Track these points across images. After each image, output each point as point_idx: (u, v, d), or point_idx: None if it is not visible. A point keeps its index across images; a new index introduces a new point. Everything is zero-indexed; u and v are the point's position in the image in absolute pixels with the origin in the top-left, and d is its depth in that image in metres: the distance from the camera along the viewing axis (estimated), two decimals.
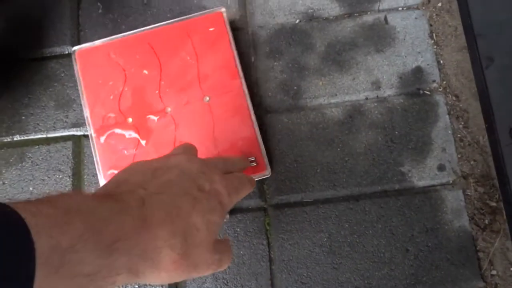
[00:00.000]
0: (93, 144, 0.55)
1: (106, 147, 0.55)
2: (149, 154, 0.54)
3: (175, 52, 0.57)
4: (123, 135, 0.54)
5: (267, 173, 0.53)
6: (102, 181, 0.54)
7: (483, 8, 0.51)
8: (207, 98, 0.56)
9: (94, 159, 0.55)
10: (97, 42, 0.58)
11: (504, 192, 0.47)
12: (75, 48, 0.58)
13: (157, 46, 0.57)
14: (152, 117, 0.55)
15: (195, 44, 0.57)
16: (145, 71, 0.57)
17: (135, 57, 0.57)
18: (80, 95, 0.57)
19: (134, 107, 0.56)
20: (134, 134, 0.54)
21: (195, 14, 0.58)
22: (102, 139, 0.55)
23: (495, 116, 0.47)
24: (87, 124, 0.56)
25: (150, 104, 0.56)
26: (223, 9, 0.58)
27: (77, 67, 0.57)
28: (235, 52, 0.57)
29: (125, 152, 0.54)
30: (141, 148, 0.54)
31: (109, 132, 0.55)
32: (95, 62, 0.57)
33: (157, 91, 0.56)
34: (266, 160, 0.53)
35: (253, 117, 0.55)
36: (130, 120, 0.55)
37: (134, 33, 0.58)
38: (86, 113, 0.56)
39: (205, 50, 0.57)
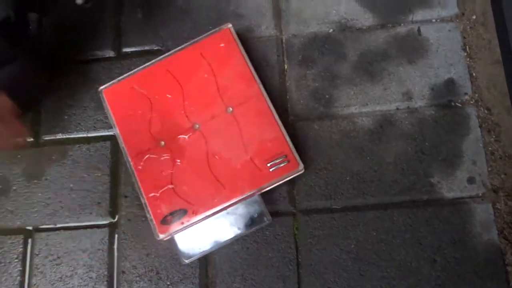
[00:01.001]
0: (131, 170, 0.57)
1: (144, 172, 0.57)
2: (185, 171, 0.56)
3: (192, 72, 0.59)
4: (158, 158, 0.57)
5: (300, 168, 0.54)
6: (146, 203, 0.56)
7: None
8: (230, 109, 0.58)
9: (136, 185, 0.57)
10: (120, 78, 0.61)
11: None
12: (102, 87, 0.61)
13: (175, 71, 0.60)
14: (183, 136, 0.57)
15: (210, 61, 0.59)
16: (168, 95, 0.59)
17: (157, 84, 0.59)
18: (113, 128, 0.59)
19: (164, 130, 0.58)
20: (168, 156, 0.57)
21: (205, 34, 0.60)
22: (140, 165, 0.57)
23: None
24: (123, 153, 0.58)
25: (178, 125, 0.58)
26: (230, 25, 0.60)
27: (106, 104, 0.60)
28: (249, 63, 0.59)
29: (163, 173, 0.56)
30: (176, 167, 0.56)
31: (145, 158, 0.57)
32: (122, 96, 0.60)
33: (182, 111, 0.58)
34: (297, 156, 0.55)
35: (277, 118, 0.56)
36: (162, 143, 0.58)
37: (152, 64, 0.61)
38: (121, 144, 0.58)
39: (220, 65, 0.59)
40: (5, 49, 0.49)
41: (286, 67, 0.61)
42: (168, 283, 0.57)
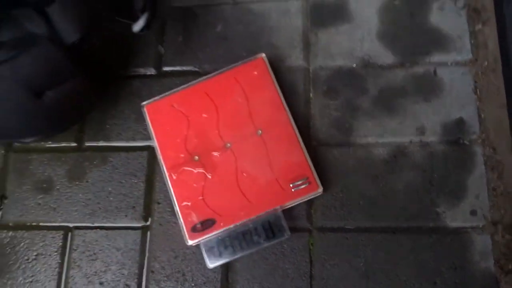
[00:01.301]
0: (166, 180, 0.64)
1: (178, 183, 0.63)
2: (215, 185, 0.62)
3: (227, 95, 0.66)
4: (192, 171, 0.63)
5: (319, 190, 0.60)
6: (178, 211, 0.62)
7: None
8: (260, 132, 0.64)
9: (169, 193, 0.63)
10: (162, 96, 0.67)
11: None
12: (144, 103, 0.67)
13: (211, 93, 0.66)
14: (215, 153, 0.64)
15: (243, 86, 0.66)
16: (204, 115, 0.65)
17: (195, 104, 0.66)
18: (152, 140, 0.66)
19: (198, 146, 0.64)
20: (201, 170, 0.63)
21: (240, 62, 0.67)
22: (174, 176, 0.64)
23: None
24: (160, 164, 0.65)
25: (212, 142, 0.64)
26: (263, 55, 0.66)
27: (147, 118, 0.67)
28: (279, 90, 0.65)
29: (195, 185, 0.63)
30: (207, 180, 0.63)
31: (179, 170, 0.64)
32: (162, 112, 0.67)
33: (216, 131, 0.65)
34: (317, 179, 0.61)
35: (301, 143, 0.63)
36: (196, 158, 0.64)
37: (191, 85, 0.67)
38: (159, 155, 0.65)
39: (252, 91, 0.65)
40: (70, 68, 0.56)
41: (311, 96, 0.68)
42: (193, 284, 0.63)
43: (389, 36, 0.68)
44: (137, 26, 0.58)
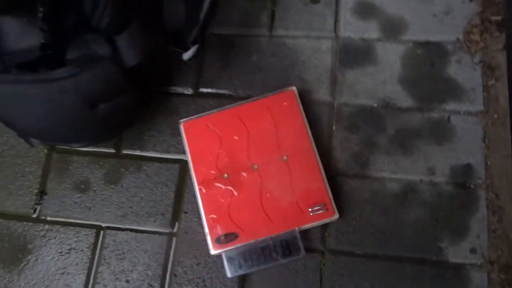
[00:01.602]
0: (196, 193, 0.70)
1: (207, 196, 0.70)
2: (241, 202, 0.69)
3: (258, 121, 0.72)
4: (220, 187, 0.70)
5: (336, 216, 0.67)
6: (205, 223, 0.69)
7: None
8: (285, 157, 0.70)
9: (198, 205, 0.70)
10: (198, 116, 0.74)
11: None
12: (181, 120, 0.74)
13: (244, 117, 0.73)
14: (243, 173, 0.70)
15: (274, 115, 0.73)
16: (236, 137, 0.72)
17: (228, 126, 0.73)
18: (186, 154, 0.73)
19: (228, 165, 0.71)
20: (229, 187, 0.70)
21: (273, 92, 0.74)
22: (204, 190, 0.70)
23: None
24: (191, 177, 0.71)
25: (240, 163, 0.71)
26: (294, 88, 0.73)
27: (183, 135, 0.73)
28: (306, 121, 0.72)
29: (222, 200, 0.69)
30: (234, 197, 0.69)
31: (209, 185, 0.70)
32: (197, 131, 0.73)
33: (246, 153, 0.71)
34: (334, 206, 0.67)
35: (323, 172, 0.69)
36: (225, 175, 0.70)
37: (226, 108, 0.74)
38: (191, 169, 0.71)
39: (282, 120, 0.72)
40: (124, 86, 0.63)
41: (334, 129, 0.74)
42: None
43: (410, 81, 0.75)
44: (187, 56, 0.65)
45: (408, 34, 0.78)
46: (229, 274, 0.67)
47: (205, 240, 0.69)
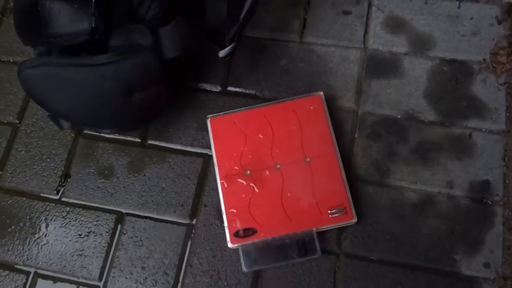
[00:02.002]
0: (218, 187, 0.72)
1: (228, 191, 0.72)
2: (261, 199, 0.70)
3: (284, 122, 0.74)
4: (242, 183, 0.72)
5: (354, 220, 0.68)
6: (224, 216, 0.70)
7: None
8: (308, 159, 0.72)
9: (220, 198, 0.72)
10: (225, 113, 0.76)
11: None
12: (209, 116, 0.76)
13: (270, 117, 0.75)
14: (266, 171, 0.72)
15: (299, 117, 0.74)
16: (261, 136, 0.74)
17: (254, 125, 0.75)
18: (211, 149, 0.75)
19: (251, 162, 0.73)
20: (251, 183, 0.71)
21: (300, 95, 0.76)
22: (226, 184, 0.72)
23: None
24: (214, 171, 0.73)
25: (263, 161, 0.73)
26: (321, 93, 0.75)
27: (210, 130, 0.75)
28: (331, 126, 0.74)
29: (243, 195, 0.71)
30: (255, 194, 0.71)
31: (232, 180, 0.72)
32: (223, 127, 0.75)
33: (269, 152, 0.73)
34: (353, 211, 0.68)
35: (344, 176, 0.71)
36: (248, 172, 0.72)
37: (253, 108, 0.76)
38: (215, 164, 0.73)
39: (307, 123, 0.74)
40: (161, 76, 0.65)
41: (356, 136, 0.76)
42: (225, 283, 0.71)
43: (434, 96, 0.77)
44: (223, 53, 0.67)
45: (435, 51, 0.80)
46: (244, 269, 0.69)
47: (222, 233, 0.71)
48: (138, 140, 0.81)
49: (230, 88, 0.82)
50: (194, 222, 0.75)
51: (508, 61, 0.76)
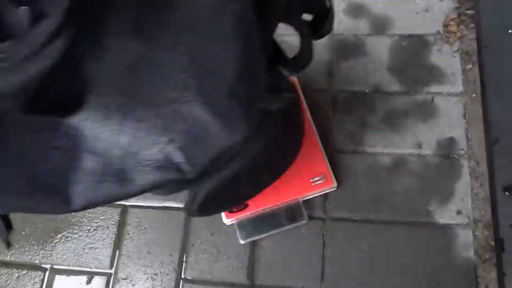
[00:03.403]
0: None
1: None
2: None
3: None
4: None
5: (334, 185, 0.75)
6: None
7: (497, 105, 0.73)
8: None
9: None
10: None
11: (494, 225, 0.67)
12: None
13: None
14: None
15: None
16: None
17: None
18: None
19: None
20: None
21: None
22: None
23: (494, 176, 0.68)
24: None
25: None
26: (296, 79, 0.83)
27: None
28: (306, 106, 0.81)
29: None
30: None
31: None
32: None
33: None
34: (333, 177, 0.75)
35: (322, 149, 0.78)
36: None
37: None
38: None
39: None
40: None
41: (331, 113, 0.84)
42: (225, 257, 0.77)
43: (397, 69, 0.85)
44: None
45: (393, 29, 0.88)
46: (241, 241, 0.75)
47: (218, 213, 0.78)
48: None
49: None
50: None
51: (459, 30, 0.84)
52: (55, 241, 0.83)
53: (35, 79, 0.31)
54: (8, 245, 0.45)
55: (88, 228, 0.83)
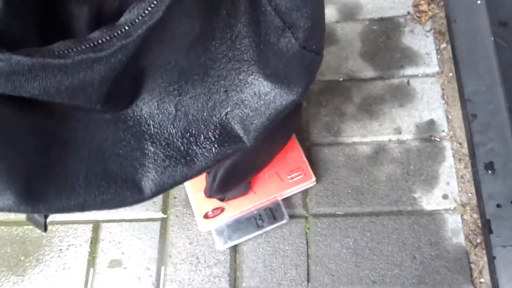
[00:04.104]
0: None
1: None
2: None
3: None
4: None
5: (313, 180, 0.71)
6: (192, 202, 0.73)
7: (471, 80, 0.69)
8: None
9: (185, 188, 0.74)
10: None
11: (479, 207, 0.63)
12: None
13: None
14: None
15: None
16: None
17: None
18: None
19: None
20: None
21: None
22: None
23: (476, 155, 0.64)
24: None
25: None
26: None
27: None
28: None
29: (207, 179, 0.74)
30: None
31: None
32: None
33: None
34: (311, 171, 0.72)
35: (298, 143, 0.74)
36: None
37: None
38: None
39: None
40: None
41: (305, 105, 0.80)
42: (205, 266, 0.73)
43: (369, 54, 0.81)
44: None
45: (363, 14, 0.85)
46: (219, 247, 0.71)
47: (195, 220, 0.73)
48: None
49: None
50: (166, 215, 0.77)
51: (429, 9, 0.81)
52: (25, 265, 0.78)
53: (120, 69, 0.31)
54: (46, 228, 0.48)
55: (60, 248, 0.78)
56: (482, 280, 0.65)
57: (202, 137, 0.39)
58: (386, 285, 0.67)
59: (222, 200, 0.69)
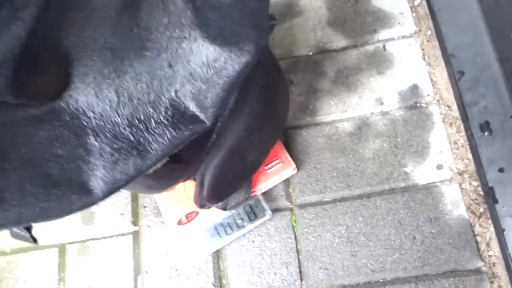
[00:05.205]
0: None
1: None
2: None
3: None
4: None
5: (292, 167, 0.64)
6: (163, 209, 0.65)
7: (453, 33, 0.62)
8: None
9: (153, 195, 0.67)
10: None
11: (480, 174, 0.56)
12: None
13: None
14: None
15: None
16: None
17: None
18: None
19: None
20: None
21: None
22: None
23: (468, 116, 0.57)
24: None
25: None
26: None
27: None
28: None
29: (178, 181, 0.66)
30: None
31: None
32: None
33: None
34: (290, 159, 0.64)
35: None
36: None
37: None
38: None
39: None
40: None
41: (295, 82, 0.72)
42: (187, 278, 0.65)
43: (338, 22, 0.74)
44: None
45: None
46: (199, 255, 0.64)
47: (168, 228, 0.66)
48: None
49: None
50: (137, 227, 0.69)
51: None
52: None
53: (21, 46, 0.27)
54: (35, 241, 0.43)
55: (24, 279, 0.70)
56: (491, 253, 0.59)
57: (153, 122, 0.35)
58: (387, 272, 0.61)
59: (224, 209, 0.61)
